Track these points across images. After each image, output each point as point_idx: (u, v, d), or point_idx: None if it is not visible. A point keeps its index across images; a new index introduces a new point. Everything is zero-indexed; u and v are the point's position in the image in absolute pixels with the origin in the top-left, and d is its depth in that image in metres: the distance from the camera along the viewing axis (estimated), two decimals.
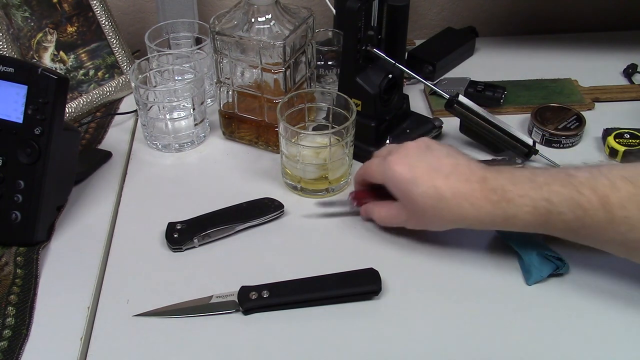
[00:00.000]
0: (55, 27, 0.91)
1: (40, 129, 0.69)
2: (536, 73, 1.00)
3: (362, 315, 0.64)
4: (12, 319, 0.63)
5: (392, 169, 0.66)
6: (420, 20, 1.17)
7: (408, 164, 0.65)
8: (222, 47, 0.80)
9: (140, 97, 0.84)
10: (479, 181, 0.63)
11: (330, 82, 0.95)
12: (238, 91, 0.83)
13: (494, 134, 0.82)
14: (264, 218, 0.74)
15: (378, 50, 0.81)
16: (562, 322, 0.63)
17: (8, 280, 0.66)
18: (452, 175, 0.63)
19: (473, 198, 0.62)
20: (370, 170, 0.71)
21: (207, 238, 0.72)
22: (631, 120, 0.89)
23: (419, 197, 0.64)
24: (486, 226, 0.64)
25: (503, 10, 1.16)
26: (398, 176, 0.66)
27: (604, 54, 1.05)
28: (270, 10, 0.78)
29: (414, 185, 0.64)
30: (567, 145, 0.86)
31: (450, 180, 0.63)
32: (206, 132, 0.89)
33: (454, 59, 1.03)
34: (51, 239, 0.73)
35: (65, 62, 0.92)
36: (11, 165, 0.70)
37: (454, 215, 0.64)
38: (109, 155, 0.85)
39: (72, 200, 0.78)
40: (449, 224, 0.66)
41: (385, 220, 0.71)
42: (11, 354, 0.60)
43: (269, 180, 0.81)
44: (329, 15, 1.01)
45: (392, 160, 0.67)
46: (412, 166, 0.65)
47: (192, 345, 0.61)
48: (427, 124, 0.86)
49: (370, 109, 0.81)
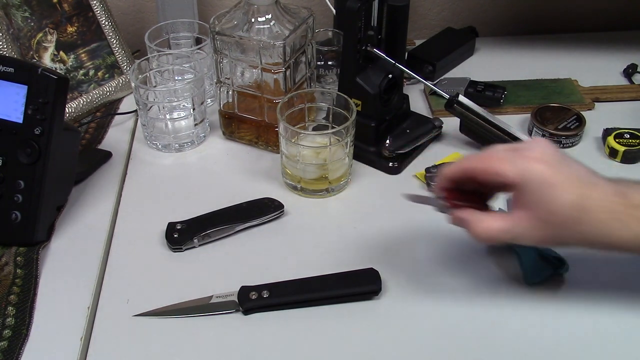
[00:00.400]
0: (55, 27, 0.91)
1: (40, 129, 0.69)
2: (536, 73, 1.00)
3: (362, 315, 0.64)
4: (12, 319, 0.63)
5: (532, 167, 0.54)
6: (420, 20, 1.17)
7: (551, 163, 0.54)
8: (222, 47, 0.80)
9: (140, 97, 0.84)
10: (618, 195, 0.54)
11: (330, 82, 0.95)
12: (238, 91, 0.83)
13: (494, 134, 0.82)
14: (264, 218, 0.74)
15: (378, 50, 0.81)
16: (562, 322, 0.63)
17: (8, 280, 0.66)
18: (596, 187, 0.55)
19: (620, 214, 0.53)
20: (494, 162, 0.56)
21: (207, 238, 0.72)
22: (631, 120, 0.89)
23: (562, 206, 0.54)
24: (630, 250, 0.55)
25: (503, 10, 1.16)
26: (539, 176, 0.54)
27: (604, 54, 1.05)
28: (270, 10, 0.78)
29: (559, 190, 0.54)
30: (567, 145, 0.86)
31: (597, 191, 0.54)
32: (206, 132, 0.89)
33: (454, 59, 1.03)
34: (51, 239, 0.73)
35: (65, 62, 0.92)
36: (11, 165, 0.70)
37: (596, 232, 0.54)
38: (109, 155, 0.85)
39: (72, 200, 0.78)
40: (586, 243, 0.56)
41: (492, 236, 0.57)
42: (11, 354, 0.60)
43: (269, 180, 0.81)
44: (329, 15, 1.01)
45: (531, 155, 0.55)
46: (555, 167, 0.54)
47: (192, 345, 0.61)
48: (427, 124, 0.86)
49: (370, 109, 0.81)
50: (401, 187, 0.80)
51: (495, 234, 0.57)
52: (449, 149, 0.86)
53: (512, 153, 0.56)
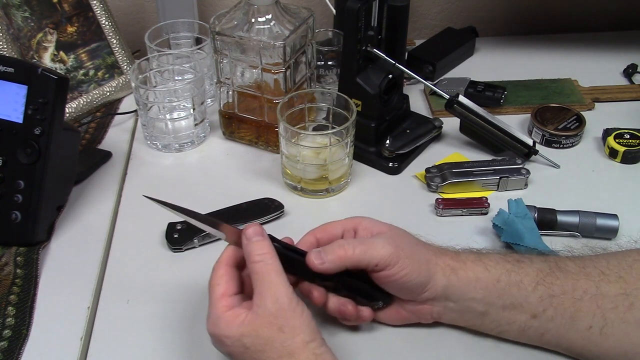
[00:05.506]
0: (55, 27, 0.91)
1: (40, 129, 0.69)
2: (536, 73, 1.00)
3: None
4: (12, 319, 0.63)
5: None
6: (420, 20, 1.17)
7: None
8: (222, 47, 0.80)
9: (140, 97, 0.84)
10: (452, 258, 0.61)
11: (330, 82, 0.95)
12: (238, 91, 0.83)
13: (494, 134, 0.82)
14: (264, 218, 0.74)
15: (378, 50, 0.81)
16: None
17: (8, 280, 0.66)
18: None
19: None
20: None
21: (207, 238, 0.72)
22: (631, 120, 0.89)
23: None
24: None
25: (503, 10, 1.16)
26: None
27: (604, 54, 1.05)
28: (270, 10, 0.78)
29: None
30: (567, 146, 0.86)
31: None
32: (206, 132, 0.89)
33: (454, 59, 1.03)
34: (51, 239, 0.73)
35: (65, 62, 0.92)
36: (11, 165, 0.70)
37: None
38: (109, 155, 0.85)
39: (72, 200, 0.78)
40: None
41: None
42: (11, 354, 0.60)
43: (269, 180, 0.81)
44: (329, 15, 1.01)
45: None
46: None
47: (192, 345, 0.61)
48: (427, 124, 0.86)
49: (371, 109, 0.81)
50: (401, 187, 0.80)
51: None
52: (449, 149, 0.86)
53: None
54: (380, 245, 0.56)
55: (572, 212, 0.72)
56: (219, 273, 0.56)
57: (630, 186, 0.80)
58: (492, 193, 0.78)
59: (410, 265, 0.56)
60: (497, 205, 0.73)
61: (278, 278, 0.53)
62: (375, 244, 0.56)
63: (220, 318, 0.53)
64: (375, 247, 0.56)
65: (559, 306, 0.56)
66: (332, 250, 0.56)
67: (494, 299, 0.57)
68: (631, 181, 0.81)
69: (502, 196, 0.75)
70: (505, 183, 0.78)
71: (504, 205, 0.72)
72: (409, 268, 0.56)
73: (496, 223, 0.70)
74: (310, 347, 0.52)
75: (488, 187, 0.79)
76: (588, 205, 0.73)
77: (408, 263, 0.56)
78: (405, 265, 0.56)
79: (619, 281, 0.56)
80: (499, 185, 0.78)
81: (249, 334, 0.52)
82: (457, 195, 0.77)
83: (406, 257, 0.56)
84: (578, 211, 0.72)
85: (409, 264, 0.56)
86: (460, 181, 0.78)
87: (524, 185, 0.79)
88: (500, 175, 0.78)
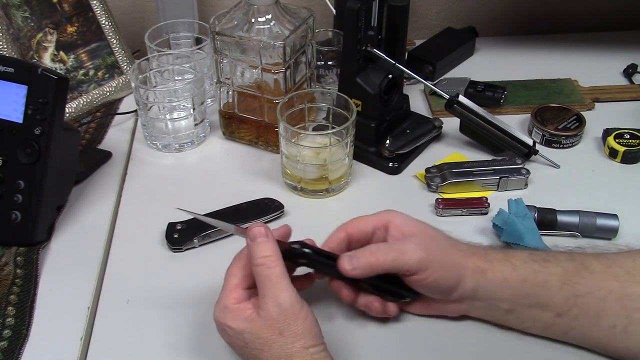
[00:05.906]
0: (55, 27, 0.91)
1: (40, 129, 0.69)
2: (536, 73, 1.00)
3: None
4: (12, 319, 0.63)
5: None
6: (420, 20, 1.17)
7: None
8: (222, 47, 0.80)
9: (140, 97, 0.84)
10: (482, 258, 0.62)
11: (330, 82, 0.95)
12: (238, 91, 0.83)
13: (494, 134, 0.82)
14: (264, 218, 0.74)
15: (378, 50, 0.81)
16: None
17: (8, 280, 0.66)
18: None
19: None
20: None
21: (207, 238, 0.72)
22: (631, 120, 0.89)
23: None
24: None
25: (503, 10, 1.16)
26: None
27: (604, 54, 1.05)
28: (270, 10, 0.78)
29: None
30: (567, 146, 0.86)
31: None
32: (206, 132, 0.89)
33: (454, 59, 1.03)
34: (51, 239, 0.73)
35: (65, 62, 0.92)
36: (11, 165, 0.70)
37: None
38: (109, 155, 0.85)
39: (72, 200, 0.78)
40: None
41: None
42: (11, 354, 0.60)
43: (269, 180, 0.81)
44: (329, 15, 1.01)
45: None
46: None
47: (192, 345, 0.61)
48: (427, 124, 0.86)
49: (371, 109, 0.81)
50: (401, 187, 0.80)
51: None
52: (449, 149, 0.86)
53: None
54: (412, 252, 0.56)
55: (572, 212, 0.72)
56: (238, 265, 0.57)
57: (630, 186, 0.80)
58: (492, 193, 0.78)
59: (440, 270, 0.57)
60: (497, 205, 0.73)
61: (280, 281, 0.54)
62: (407, 250, 0.57)
63: (228, 308, 0.54)
64: (407, 253, 0.56)
65: (584, 306, 0.57)
66: (363, 256, 0.57)
67: (520, 299, 0.58)
68: (631, 181, 0.81)
69: (502, 196, 0.75)
70: (505, 183, 0.78)
71: (504, 205, 0.72)
72: (439, 273, 0.57)
73: (496, 223, 0.70)
74: (310, 352, 0.52)
75: (488, 187, 0.79)
76: (588, 205, 0.73)
77: (438, 268, 0.57)
78: (435, 270, 0.57)
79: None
80: (499, 185, 0.78)
81: (250, 332, 0.53)
82: (457, 195, 0.77)
83: (436, 261, 0.57)
84: (578, 211, 0.72)
85: (439, 268, 0.57)
86: (460, 181, 0.78)
87: (524, 185, 0.79)
88: (500, 175, 0.78)
